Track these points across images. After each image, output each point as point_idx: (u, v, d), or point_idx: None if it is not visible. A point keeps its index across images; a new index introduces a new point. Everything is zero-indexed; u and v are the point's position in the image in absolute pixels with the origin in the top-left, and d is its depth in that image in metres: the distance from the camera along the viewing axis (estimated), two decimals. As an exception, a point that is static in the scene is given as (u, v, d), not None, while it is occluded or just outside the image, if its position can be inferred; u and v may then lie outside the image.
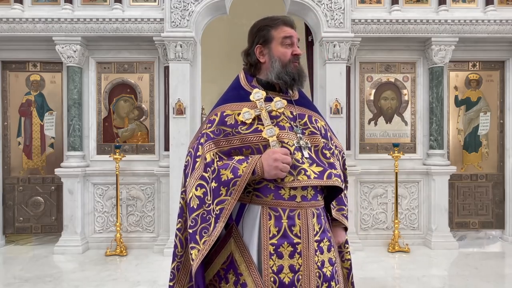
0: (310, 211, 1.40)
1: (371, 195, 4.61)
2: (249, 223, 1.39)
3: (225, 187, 1.32)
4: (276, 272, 1.34)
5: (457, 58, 4.65)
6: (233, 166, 1.34)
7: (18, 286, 3.34)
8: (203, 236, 1.32)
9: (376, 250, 4.35)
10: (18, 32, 4.25)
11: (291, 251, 1.35)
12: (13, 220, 4.64)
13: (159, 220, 4.46)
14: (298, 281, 1.34)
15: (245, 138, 1.40)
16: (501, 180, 4.81)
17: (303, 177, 1.35)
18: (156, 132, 4.59)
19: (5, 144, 4.64)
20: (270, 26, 1.49)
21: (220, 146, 1.40)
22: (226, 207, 1.32)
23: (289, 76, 1.46)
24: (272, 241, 1.35)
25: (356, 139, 4.66)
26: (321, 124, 1.57)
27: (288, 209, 1.37)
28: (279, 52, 1.47)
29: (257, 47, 1.50)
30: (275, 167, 1.31)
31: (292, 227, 1.36)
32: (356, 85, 4.67)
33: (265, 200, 1.38)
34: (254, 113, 1.41)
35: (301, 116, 1.51)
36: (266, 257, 1.35)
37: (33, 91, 4.65)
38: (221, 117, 1.44)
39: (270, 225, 1.36)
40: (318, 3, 4.26)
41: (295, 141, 1.41)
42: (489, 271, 3.66)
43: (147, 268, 3.78)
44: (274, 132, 1.37)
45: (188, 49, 4.21)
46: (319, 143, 1.47)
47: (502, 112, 4.80)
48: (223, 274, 1.40)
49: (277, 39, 1.48)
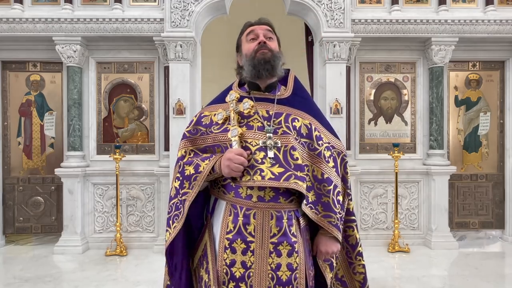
0: (268, 212, 1.41)
1: (371, 195, 4.61)
2: (217, 216, 1.49)
3: (187, 181, 1.47)
4: (229, 265, 1.42)
5: (457, 58, 4.65)
6: (196, 163, 1.47)
7: (18, 286, 3.35)
8: (174, 222, 1.48)
9: (376, 250, 4.35)
10: (18, 32, 4.25)
11: (244, 248, 1.41)
12: (13, 220, 4.64)
13: (159, 220, 4.45)
14: (249, 277, 1.40)
15: (216, 137, 1.50)
16: (501, 180, 4.81)
17: (257, 177, 1.37)
18: (156, 132, 4.59)
19: (5, 144, 4.64)
20: (241, 33, 1.61)
21: (197, 144, 1.54)
22: (187, 198, 1.46)
23: (254, 67, 1.50)
24: (228, 236, 1.43)
25: (356, 139, 4.66)
26: (303, 123, 1.50)
27: (244, 207, 1.42)
28: (245, 49, 1.56)
29: (236, 56, 1.63)
30: (227, 166, 1.38)
31: (247, 225, 1.41)
32: (356, 85, 4.67)
33: (228, 197, 1.47)
34: (225, 114, 1.51)
35: (277, 115, 1.50)
36: (221, 250, 1.44)
37: (33, 91, 4.65)
38: (198, 118, 1.58)
39: (229, 221, 1.44)
40: (318, 3, 4.26)
41: (260, 141, 1.42)
42: (489, 271, 3.66)
43: (147, 268, 3.78)
44: (237, 132, 1.43)
45: (188, 49, 4.21)
46: (288, 143, 1.43)
47: (502, 112, 4.80)
48: (201, 261, 1.52)
49: (244, 40, 1.58)
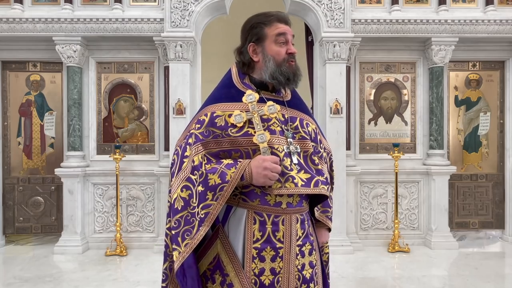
0: (294, 217, 1.40)
1: (371, 195, 4.61)
2: (234, 225, 1.38)
3: (211, 192, 1.30)
4: (258, 274, 1.35)
5: (457, 58, 4.65)
6: (221, 171, 1.31)
7: (18, 286, 3.34)
8: (185, 239, 1.30)
9: (376, 250, 4.35)
10: (18, 32, 4.25)
11: (273, 255, 1.36)
12: (13, 220, 4.64)
13: (159, 220, 4.45)
14: (277, 282, 1.36)
15: (235, 141, 1.37)
16: (501, 180, 4.81)
17: (290, 185, 1.33)
18: (156, 132, 4.59)
19: (5, 144, 4.64)
20: (264, 23, 1.44)
21: (209, 148, 1.37)
22: (212, 211, 1.30)
23: (283, 76, 1.42)
24: (256, 245, 1.36)
25: (356, 139, 4.66)
26: (312, 128, 1.53)
27: (273, 214, 1.36)
28: (273, 51, 1.42)
29: (250, 45, 1.45)
30: (264, 175, 1.29)
31: (276, 232, 1.36)
32: (356, 85, 4.67)
33: (251, 205, 1.37)
34: (245, 117, 1.37)
35: (293, 120, 1.47)
36: (249, 260, 1.36)
37: (33, 91, 4.65)
38: (211, 118, 1.39)
39: (255, 229, 1.36)
40: (318, 3, 4.26)
41: (284, 147, 1.38)
42: (489, 271, 3.66)
43: (147, 268, 3.78)
44: (265, 138, 1.34)
45: (188, 49, 4.21)
46: (308, 148, 1.44)
47: (502, 112, 4.80)
48: (210, 275, 1.40)
49: (270, 37, 1.43)
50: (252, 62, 1.47)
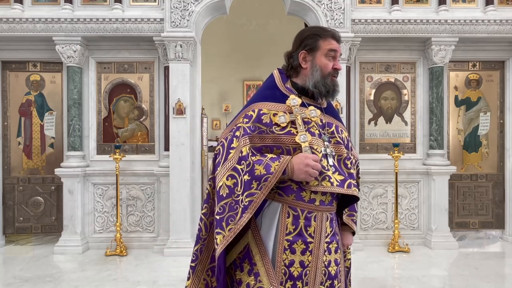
0: (325, 214, 1.50)
1: (371, 195, 4.61)
2: (267, 218, 1.48)
3: (256, 181, 1.40)
4: (288, 265, 1.45)
5: (457, 58, 4.65)
6: (267, 163, 1.41)
7: (18, 286, 3.35)
8: (229, 224, 1.40)
9: (376, 250, 4.35)
10: (18, 32, 4.25)
11: (303, 248, 1.46)
12: (13, 220, 4.64)
13: (159, 220, 4.45)
14: (305, 275, 1.46)
15: (278, 138, 1.48)
16: (501, 180, 4.81)
17: (326, 183, 1.44)
18: (156, 132, 4.59)
19: (5, 144, 4.64)
20: (319, 36, 1.55)
21: (254, 142, 1.48)
22: (255, 200, 1.39)
23: (325, 87, 1.54)
24: (288, 237, 1.45)
25: (356, 139, 4.66)
26: (345, 135, 1.65)
27: (306, 210, 1.46)
28: (322, 62, 1.54)
29: (302, 53, 1.55)
30: (305, 172, 1.39)
31: (308, 227, 1.46)
32: (356, 85, 4.67)
33: (286, 199, 1.46)
34: (289, 118, 1.49)
35: (329, 125, 1.59)
36: (281, 251, 1.45)
37: (33, 91, 4.65)
38: (258, 114, 1.51)
39: (288, 223, 1.45)
40: (318, 3, 4.26)
41: (322, 148, 1.49)
42: (489, 271, 3.66)
43: (147, 268, 3.78)
44: (307, 138, 1.45)
45: (188, 49, 4.21)
46: (342, 153, 1.57)
47: (502, 112, 4.80)
48: (239, 263, 1.50)
49: (322, 50, 1.54)
50: (299, 68, 1.58)
